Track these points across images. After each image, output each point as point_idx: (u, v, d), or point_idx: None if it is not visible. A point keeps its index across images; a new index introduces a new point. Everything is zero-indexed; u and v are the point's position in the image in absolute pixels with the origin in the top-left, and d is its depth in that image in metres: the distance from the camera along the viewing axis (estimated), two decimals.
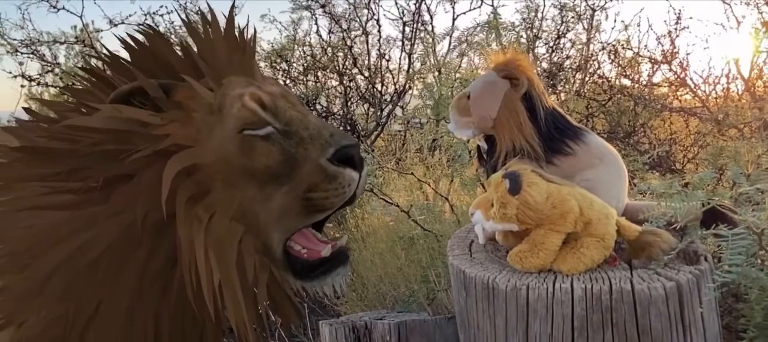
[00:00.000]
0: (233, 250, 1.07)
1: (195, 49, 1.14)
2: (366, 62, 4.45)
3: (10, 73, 3.93)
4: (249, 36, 1.21)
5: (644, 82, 3.56)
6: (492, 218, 1.11)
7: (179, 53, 1.14)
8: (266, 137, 1.08)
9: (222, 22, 1.15)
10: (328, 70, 4.43)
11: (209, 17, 1.16)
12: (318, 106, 4.42)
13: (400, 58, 4.50)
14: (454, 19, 4.40)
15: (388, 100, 4.50)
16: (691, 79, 3.22)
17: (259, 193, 1.07)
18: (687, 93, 3.37)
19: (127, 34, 1.14)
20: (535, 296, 1.03)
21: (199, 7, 3.90)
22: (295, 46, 4.47)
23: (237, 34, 1.19)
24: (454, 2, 4.32)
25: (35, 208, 1.05)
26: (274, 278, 1.15)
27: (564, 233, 1.08)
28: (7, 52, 3.88)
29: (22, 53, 3.88)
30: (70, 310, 1.07)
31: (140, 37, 1.14)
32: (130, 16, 3.96)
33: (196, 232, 1.04)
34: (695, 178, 1.34)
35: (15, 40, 3.92)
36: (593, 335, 1.00)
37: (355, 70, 4.43)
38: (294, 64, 4.38)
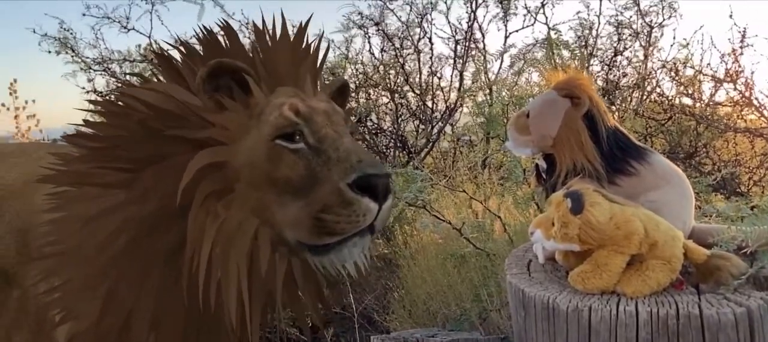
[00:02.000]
0: (243, 246, 1.09)
1: (260, 54, 1.19)
2: (417, 80, 4.49)
3: (83, 88, 4.18)
4: (316, 49, 1.25)
5: (706, 101, 3.44)
6: (553, 238, 1.10)
7: (248, 54, 1.19)
8: (295, 151, 1.09)
9: (291, 30, 1.20)
10: (379, 88, 4.49)
11: (277, 24, 1.20)
12: (369, 123, 4.48)
13: (451, 76, 4.52)
14: (506, 37, 4.39)
15: (439, 117, 4.52)
16: (756, 98, 3.10)
17: (276, 197, 1.09)
18: (752, 113, 3.24)
19: (203, 27, 1.20)
20: (598, 318, 1.02)
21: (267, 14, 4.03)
22: (347, 63, 4.55)
23: (302, 46, 1.22)
24: (507, 21, 4.32)
25: (85, 184, 1.12)
26: (297, 280, 1.17)
27: (628, 255, 1.06)
28: (81, 69, 4.13)
29: (94, 71, 4.13)
30: (114, 297, 1.13)
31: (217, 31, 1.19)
32: (192, 36, 4.14)
33: (209, 226, 1.08)
34: (764, 200, 1.30)
35: (88, 58, 4.17)
36: None
37: (407, 88, 4.47)
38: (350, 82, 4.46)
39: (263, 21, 1.20)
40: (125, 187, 1.11)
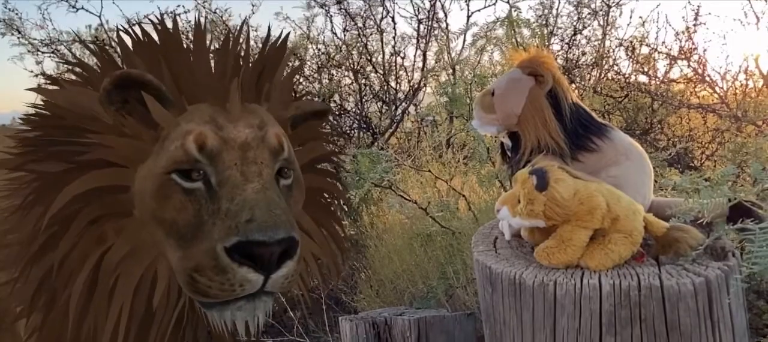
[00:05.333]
0: (132, 275, 0.99)
1: (173, 64, 1.04)
2: (380, 60, 4.46)
3: (32, 72, 4.00)
4: (246, 59, 1.11)
5: (661, 79, 3.54)
6: (519, 214, 1.12)
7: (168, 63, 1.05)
8: (189, 191, 0.96)
9: (210, 35, 1.08)
10: (342, 68, 4.45)
11: (198, 30, 1.06)
12: (332, 104, 4.44)
13: (414, 56, 4.51)
14: (468, 17, 4.40)
15: (402, 97, 4.51)
16: (709, 75, 3.20)
17: (164, 237, 0.98)
18: (705, 89, 3.35)
19: (136, 23, 1.10)
20: (563, 292, 1.04)
21: (214, 10, 3.93)
22: (309, 43, 4.48)
23: (232, 56, 1.09)
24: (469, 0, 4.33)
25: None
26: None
27: (591, 229, 1.08)
28: (29, 51, 3.94)
29: (42, 52, 3.95)
30: (43, 290, 1.06)
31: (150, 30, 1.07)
32: (147, 15, 4.01)
33: (92, 253, 0.99)
34: (717, 174, 1.34)
35: (35, 39, 3.98)
36: (621, 331, 1.01)
37: (370, 68, 4.44)
38: (308, 62, 4.40)
39: (197, 25, 1.07)
40: (38, 181, 1.02)
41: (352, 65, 4.41)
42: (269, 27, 1.13)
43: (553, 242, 1.10)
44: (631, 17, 3.93)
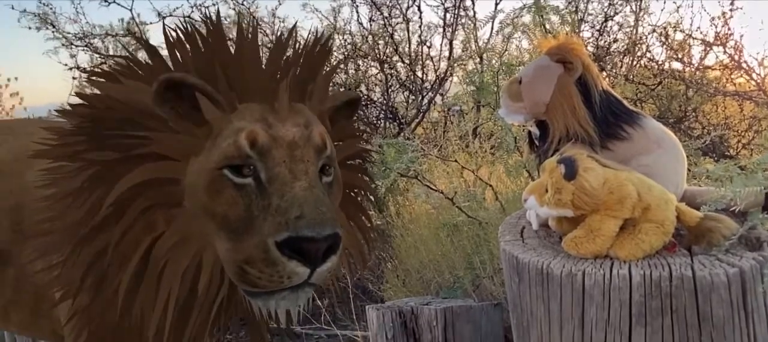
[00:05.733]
0: (180, 263, 1.04)
1: (224, 65, 1.07)
2: (407, 49, 4.44)
3: (66, 65, 4.10)
4: (308, 58, 1.15)
5: (696, 66, 3.45)
6: (546, 204, 1.11)
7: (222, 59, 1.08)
8: (240, 187, 1.00)
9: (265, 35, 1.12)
10: (368, 58, 4.44)
11: (250, 30, 1.10)
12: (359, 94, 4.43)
13: (441, 45, 4.48)
14: (496, 4, 4.34)
15: (429, 87, 4.49)
16: (745, 61, 3.11)
17: (214, 229, 1.02)
18: (741, 76, 3.25)
19: (185, 20, 1.12)
20: (592, 282, 1.03)
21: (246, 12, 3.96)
22: (336, 34, 4.49)
23: (282, 58, 1.13)
24: None
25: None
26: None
27: (621, 219, 1.06)
28: (63, 45, 4.04)
29: (76, 46, 4.05)
30: (92, 272, 1.10)
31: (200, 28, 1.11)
32: (177, 8, 4.06)
33: (144, 239, 1.03)
34: (752, 161, 1.30)
35: (69, 33, 4.08)
36: (652, 321, 0.99)
37: (396, 58, 4.43)
38: (334, 53, 4.41)
39: (240, 27, 1.11)
40: (91, 168, 1.07)
41: (378, 55, 4.40)
42: (316, 30, 1.16)
43: (581, 232, 1.09)
44: (665, 2, 3.82)
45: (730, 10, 3.11)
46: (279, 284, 0.96)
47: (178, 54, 1.11)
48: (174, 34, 1.10)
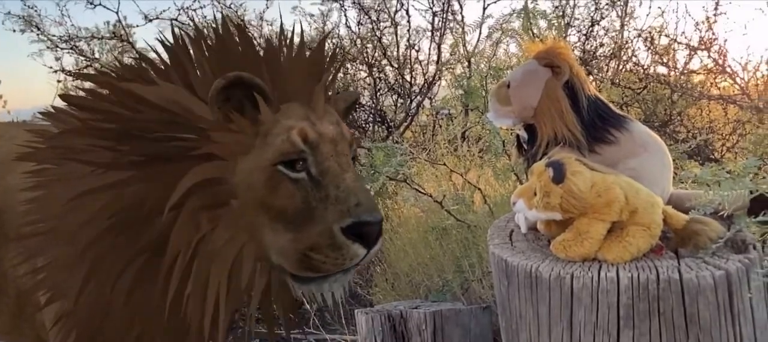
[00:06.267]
0: (225, 263, 1.08)
1: (272, 67, 1.13)
2: (395, 53, 4.45)
3: (51, 68, 4.06)
4: (331, 65, 1.22)
5: (680, 70, 3.49)
6: (535, 207, 1.11)
7: (260, 63, 1.12)
8: (296, 181, 1.07)
9: (299, 42, 1.15)
10: (357, 62, 4.44)
11: (291, 36, 1.16)
12: None
13: (429, 49, 4.49)
14: (484, 9, 4.36)
15: (417, 91, 4.50)
16: (729, 66, 3.15)
17: (268, 223, 1.07)
18: (725, 80, 3.29)
19: (216, 23, 1.13)
20: (580, 285, 1.03)
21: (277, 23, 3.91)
22: (328, 38, 4.48)
23: (318, 63, 1.19)
24: None
25: (76, 160, 1.09)
26: (272, 292, 1.18)
27: (609, 222, 1.07)
28: (48, 47, 4.00)
29: (61, 49, 4.00)
30: (91, 280, 1.11)
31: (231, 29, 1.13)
32: (164, 11, 4.04)
33: (192, 238, 1.07)
34: (739, 165, 1.32)
35: (54, 36, 4.04)
36: (639, 324, 1.00)
37: (385, 61, 4.43)
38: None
39: (282, 30, 1.16)
40: (115, 169, 1.08)
41: (366, 59, 4.40)
42: (339, 41, 1.22)
43: (569, 235, 1.09)
44: (650, 7, 3.86)
45: (714, 14, 3.15)
46: (341, 266, 1.05)
47: (206, 53, 1.12)
48: (192, 34, 1.13)
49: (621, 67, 3.89)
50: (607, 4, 3.85)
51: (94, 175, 1.08)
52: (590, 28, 3.94)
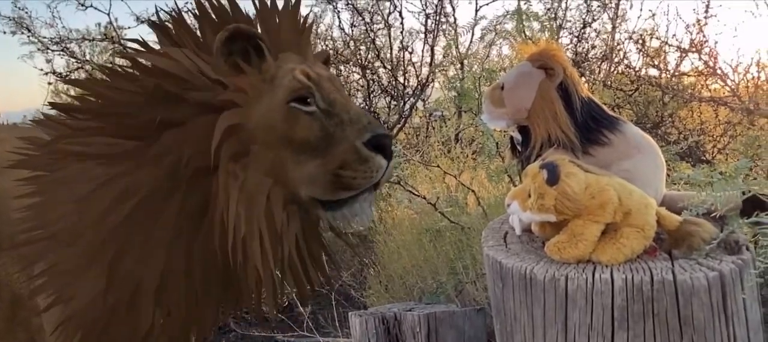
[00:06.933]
0: (261, 203, 1.14)
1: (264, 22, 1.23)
2: (388, 55, 4.45)
3: (42, 70, 4.02)
4: (308, 20, 1.30)
5: (672, 72, 3.51)
6: (529, 209, 1.11)
7: (252, 21, 1.22)
8: (310, 113, 1.15)
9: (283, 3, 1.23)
10: (350, 64, 4.44)
11: None
12: None
13: (422, 51, 4.50)
14: (476, 11, 4.38)
15: (411, 92, 4.50)
16: (720, 68, 3.17)
17: (292, 157, 1.14)
18: (716, 82, 3.31)
19: None
20: (574, 286, 1.03)
21: None
22: (318, 40, 4.48)
23: (299, 17, 1.27)
24: None
25: (82, 156, 1.13)
26: (306, 238, 1.23)
27: (603, 224, 1.07)
28: (38, 49, 3.96)
29: (52, 51, 3.97)
30: (118, 270, 1.13)
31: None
32: (155, 13, 4.00)
33: (232, 187, 1.12)
34: (731, 167, 1.33)
35: (45, 38, 4.00)
36: (634, 325, 1.00)
37: (378, 63, 4.43)
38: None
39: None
40: (128, 156, 1.12)
41: (360, 61, 4.40)
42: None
43: (564, 237, 1.09)
44: (641, 10, 3.89)
45: (705, 17, 3.17)
46: (370, 179, 1.13)
47: (213, 16, 1.20)
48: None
49: (613, 69, 3.92)
50: (598, 6, 3.87)
51: (95, 172, 1.11)
52: (582, 31, 3.96)
